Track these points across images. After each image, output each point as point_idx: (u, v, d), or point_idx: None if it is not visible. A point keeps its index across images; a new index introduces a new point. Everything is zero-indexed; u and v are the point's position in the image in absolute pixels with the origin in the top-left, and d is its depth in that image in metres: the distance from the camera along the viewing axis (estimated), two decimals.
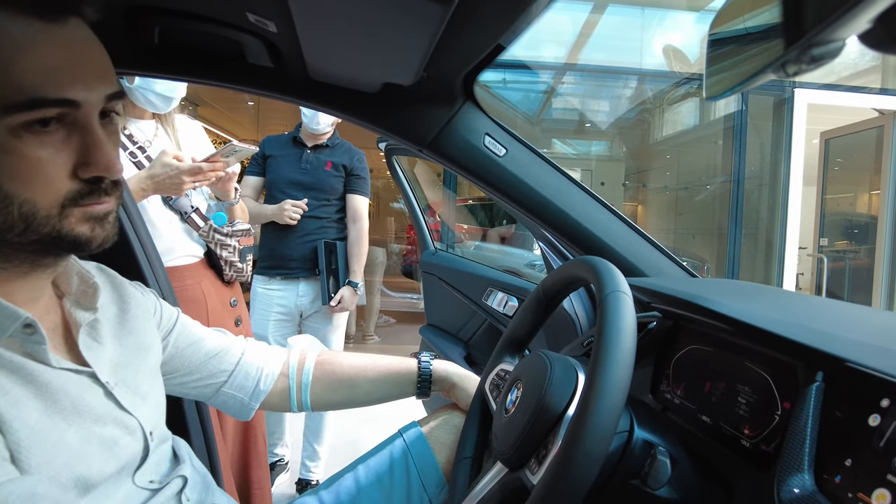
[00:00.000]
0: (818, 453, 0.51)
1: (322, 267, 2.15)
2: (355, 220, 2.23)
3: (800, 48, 0.29)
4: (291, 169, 2.17)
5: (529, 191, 1.04)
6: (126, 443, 0.61)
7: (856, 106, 4.62)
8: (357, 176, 2.22)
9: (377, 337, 5.37)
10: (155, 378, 0.73)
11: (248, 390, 0.89)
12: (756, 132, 4.80)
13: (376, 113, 1.02)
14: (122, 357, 0.67)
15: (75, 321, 0.64)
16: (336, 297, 2.16)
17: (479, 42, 0.82)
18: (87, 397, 0.58)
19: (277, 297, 2.18)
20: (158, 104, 1.45)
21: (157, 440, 0.67)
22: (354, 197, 2.23)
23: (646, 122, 6.08)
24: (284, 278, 2.18)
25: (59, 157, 0.54)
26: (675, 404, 0.76)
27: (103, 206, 0.58)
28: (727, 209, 4.84)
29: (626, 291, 0.58)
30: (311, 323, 2.26)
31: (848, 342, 0.55)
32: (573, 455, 0.49)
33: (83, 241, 0.57)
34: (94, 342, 0.64)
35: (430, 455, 0.85)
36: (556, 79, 5.44)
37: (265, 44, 0.87)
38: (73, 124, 0.55)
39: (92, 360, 0.62)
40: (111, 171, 0.56)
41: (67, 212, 0.55)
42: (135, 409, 0.63)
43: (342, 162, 2.19)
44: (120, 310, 0.71)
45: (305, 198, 2.15)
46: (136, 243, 1.13)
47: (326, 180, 2.18)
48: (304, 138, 2.20)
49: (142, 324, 0.73)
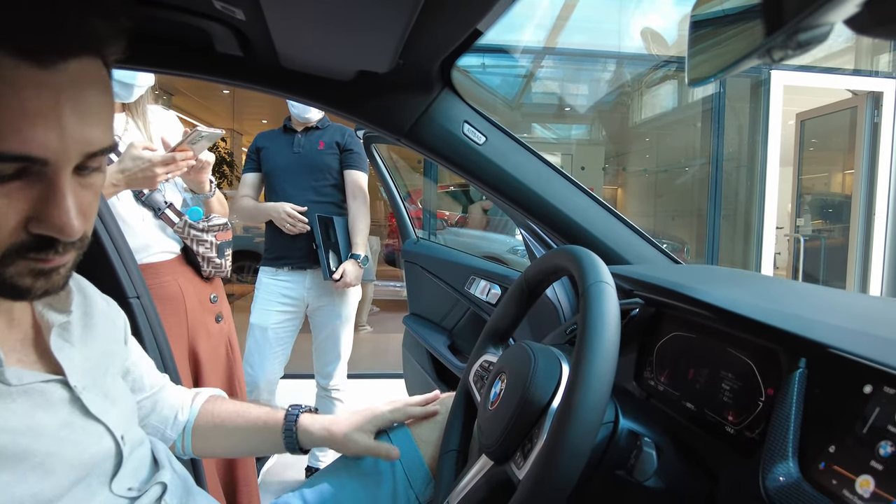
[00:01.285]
0: (802, 440, 0.51)
1: (319, 241, 2.08)
2: (355, 195, 2.17)
3: (786, 33, 0.28)
4: (285, 154, 2.14)
5: (510, 179, 1.02)
6: (95, 451, 0.59)
7: (830, 87, 4.68)
8: (350, 150, 2.17)
9: (369, 327, 5.35)
10: (123, 384, 0.71)
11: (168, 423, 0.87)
12: (734, 114, 4.84)
13: (351, 101, 0.99)
14: (90, 361, 0.64)
15: (47, 323, 0.62)
16: (339, 270, 2.08)
17: (455, 27, 0.80)
18: (48, 412, 0.56)
19: (284, 287, 2.14)
20: (119, 92, 1.39)
21: (130, 444, 0.65)
22: (351, 172, 2.17)
23: (625, 106, 6.11)
24: (292, 269, 2.14)
25: (12, 207, 0.47)
26: (658, 391, 0.76)
27: (51, 264, 0.52)
28: (706, 191, 4.90)
29: (609, 281, 0.57)
30: (318, 317, 2.21)
31: (830, 328, 0.55)
32: (558, 450, 0.48)
33: (22, 291, 0.52)
34: (65, 343, 0.62)
35: (415, 451, 0.85)
36: (535, 63, 5.43)
37: (233, 32, 0.84)
38: (38, 176, 0.48)
39: (64, 362, 0.60)
40: (64, 233, 0.49)
41: (9, 260, 0.49)
42: (103, 414, 0.61)
43: (335, 139, 2.15)
44: (84, 313, 0.68)
45: (301, 180, 2.11)
46: (107, 242, 1.10)
47: (321, 159, 2.13)
48: (294, 125, 2.17)
49: (106, 331, 0.71)
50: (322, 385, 2.31)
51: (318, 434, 0.85)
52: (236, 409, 0.89)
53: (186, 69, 0.97)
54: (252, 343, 2.15)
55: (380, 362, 4.46)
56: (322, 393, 2.32)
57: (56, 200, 0.49)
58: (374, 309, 5.88)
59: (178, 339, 1.41)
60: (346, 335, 2.26)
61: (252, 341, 2.15)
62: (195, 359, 1.47)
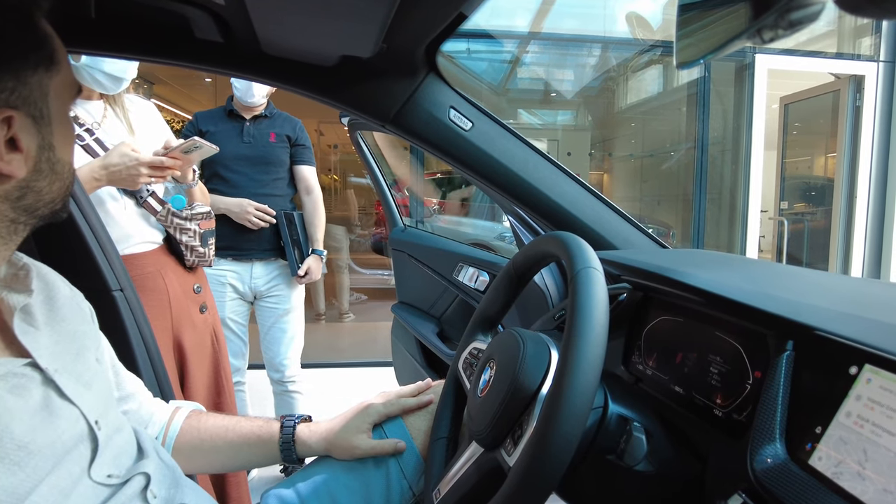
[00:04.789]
0: (789, 421, 0.51)
1: (286, 240, 2.09)
2: (309, 191, 2.18)
3: (776, 13, 0.27)
4: (234, 143, 2.06)
5: (497, 165, 1.02)
6: (70, 435, 0.58)
7: (813, 71, 4.71)
8: (302, 146, 2.16)
9: (352, 315, 5.35)
10: (97, 367, 0.70)
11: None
12: (719, 98, 4.86)
13: (335, 87, 0.98)
14: (58, 344, 0.63)
15: (8, 307, 0.60)
16: (303, 266, 2.11)
17: (439, 10, 0.79)
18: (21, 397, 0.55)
19: (230, 276, 2.10)
20: (108, 85, 1.37)
21: (107, 430, 0.64)
22: (303, 168, 2.17)
23: (610, 91, 6.10)
24: (235, 259, 2.09)
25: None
26: (647, 375, 0.76)
27: None
28: (691, 175, 4.92)
29: (597, 267, 0.57)
30: (265, 304, 2.17)
31: (816, 310, 0.55)
32: (548, 436, 0.48)
33: None
34: (29, 327, 0.61)
35: (408, 440, 0.84)
36: (521, 48, 5.39)
37: (213, 17, 0.82)
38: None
39: (30, 346, 0.59)
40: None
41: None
42: (77, 397, 0.60)
43: (285, 132, 2.12)
44: (47, 297, 0.67)
45: (254, 172, 2.07)
46: (88, 234, 1.08)
47: (273, 152, 2.09)
48: (240, 110, 2.09)
49: (72, 314, 0.69)
50: (277, 379, 2.23)
51: (316, 446, 0.85)
52: (225, 424, 0.87)
53: (166, 56, 0.95)
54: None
55: (367, 351, 4.46)
56: (278, 389, 2.25)
57: None
58: (361, 297, 5.87)
59: (162, 331, 1.39)
60: (297, 321, 2.23)
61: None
62: (181, 351, 1.46)
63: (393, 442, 0.83)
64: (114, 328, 1.07)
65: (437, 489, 0.69)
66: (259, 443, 0.85)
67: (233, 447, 0.86)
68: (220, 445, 0.86)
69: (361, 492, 0.81)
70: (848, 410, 0.46)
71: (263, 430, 0.86)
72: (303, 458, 0.86)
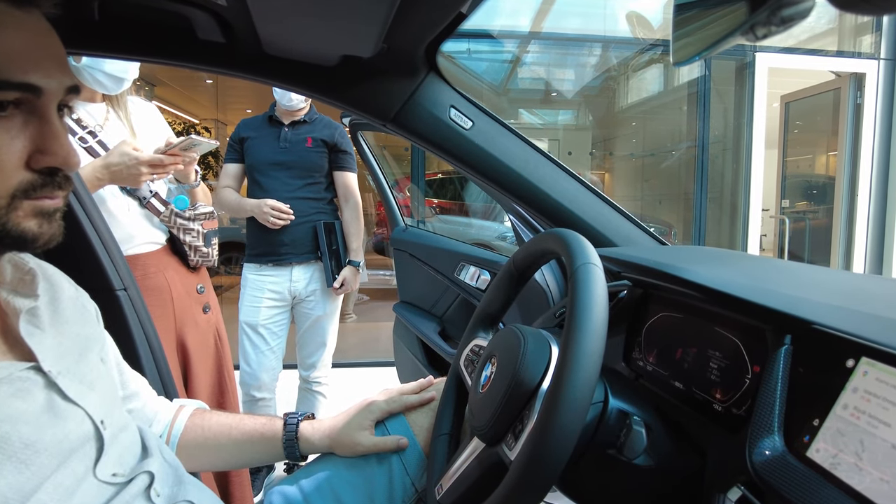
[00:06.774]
0: (787, 414, 0.52)
1: (324, 249, 2.09)
2: (347, 197, 2.17)
3: (769, 9, 0.28)
4: (270, 149, 2.08)
5: (498, 164, 1.02)
6: (76, 436, 0.59)
7: (814, 69, 4.71)
8: (343, 151, 2.14)
9: (355, 315, 5.35)
10: (101, 367, 0.70)
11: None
12: (719, 97, 4.86)
13: (336, 87, 0.98)
14: (62, 345, 0.63)
15: (14, 309, 0.61)
16: (339, 278, 2.11)
17: (439, 10, 0.80)
18: (25, 401, 0.55)
19: (269, 281, 2.11)
20: (109, 85, 1.38)
21: (112, 430, 0.64)
22: (343, 174, 2.15)
23: (611, 90, 6.10)
24: (276, 265, 2.10)
25: (14, 144, 0.51)
26: (647, 371, 0.77)
27: (54, 202, 0.55)
28: (692, 174, 4.92)
29: (597, 263, 0.57)
30: (304, 308, 2.18)
31: (814, 304, 0.56)
32: (549, 430, 0.49)
33: (29, 238, 0.54)
34: (35, 329, 0.61)
35: (410, 436, 0.85)
36: (521, 48, 5.39)
37: (215, 18, 0.83)
38: (31, 112, 0.52)
39: (35, 347, 0.59)
40: (69, 164, 0.54)
41: (17, 203, 0.52)
42: (81, 398, 0.61)
43: (322, 137, 2.10)
44: (52, 298, 0.67)
45: (288, 177, 2.07)
46: (91, 233, 1.08)
47: (308, 157, 2.09)
48: (280, 116, 2.10)
49: (76, 315, 0.70)
50: (304, 377, 2.28)
51: (320, 444, 0.85)
52: (228, 422, 0.87)
53: (169, 57, 0.95)
54: (246, 342, 2.12)
55: (370, 351, 4.47)
56: (304, 385, 2.29)
57: (55, 133, 0.53)
58: (363, 297, 5.87)
59: (165, 331, 1.40)
60: (331, 327, 2.24)
61: (245, 340, 2.12)
62: (184, 350, 1.47)
63: (395, 438, 0.83)
64: (117, 327, 1.08)
65: (440, 484, 0.69)
66: (262, 440, 0.86)
67: (237, 445, 0.86)
68: (224, 443, 0.86)
69: (364, 488, 0.81)
70: (845, 403, 0.47)
71: (267, 428, 0.86)
72: (306, 455, 0.87)
